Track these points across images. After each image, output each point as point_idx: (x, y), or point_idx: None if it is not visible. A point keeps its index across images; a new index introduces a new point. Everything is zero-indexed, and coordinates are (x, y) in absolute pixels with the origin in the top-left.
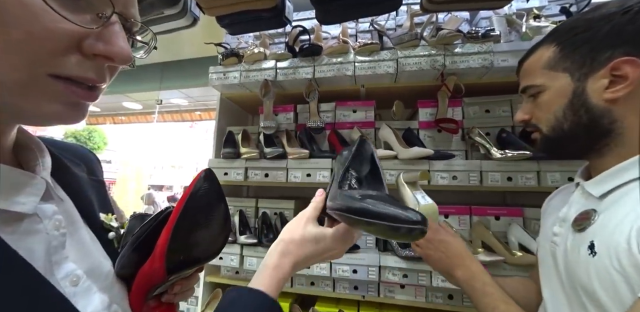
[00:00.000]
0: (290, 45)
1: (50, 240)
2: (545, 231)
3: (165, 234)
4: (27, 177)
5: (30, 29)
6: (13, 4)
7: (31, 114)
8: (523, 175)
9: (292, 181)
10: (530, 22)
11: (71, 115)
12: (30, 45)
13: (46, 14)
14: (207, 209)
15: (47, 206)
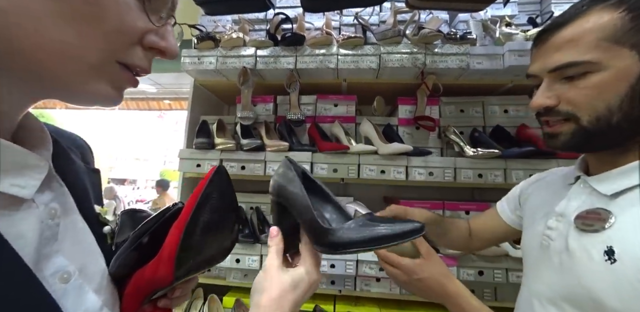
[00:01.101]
0: (272, 33)
1: (44, 230)
2: (534, 222)
3: (175, 235)
4: (32, 159)
5: (119, 23)
6: (112, 3)
7: (83, 92)
8: (492, 172)
9: (270, 174)
10: (503, 28)
11: (115, 98)
12: (114, 37)
13: (132, 12)
14: (221, 209)
15: (45, 192)
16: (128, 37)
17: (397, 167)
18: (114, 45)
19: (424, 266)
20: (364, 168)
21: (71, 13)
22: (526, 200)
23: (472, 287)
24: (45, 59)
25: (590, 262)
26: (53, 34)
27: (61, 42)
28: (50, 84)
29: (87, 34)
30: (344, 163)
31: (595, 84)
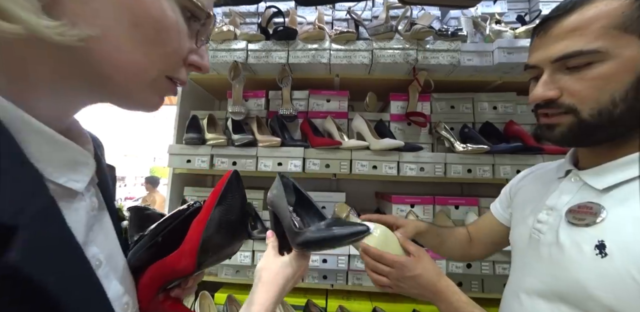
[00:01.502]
0: (264, 26)
1: (89, 219)
2: (524, 216)
3: (197, 230)
4: (84, 157)
5: (176, 46)
6: (173, 30)
7: (138, 100)
8: (481, 167)
9: (262, 169)
10: (493, 26)
11: (158, 104)
12: (170, 57)
13: (184, 37)
14: (236, 207)
15: (89, 187)
16: (179, 57)
17: (388, 162)
18: (168, 64)
19: (417, 263)
20: (356, 163)
21: (143, 39)
22: (515, 195)
23: (461, 280)
24: (115, 74)
25: (581, 256)
26: (127, 55)
27: (131, 62)
28: (111, 93)
29: (152, 55)
30: (336, 158)
31: (601, 74)
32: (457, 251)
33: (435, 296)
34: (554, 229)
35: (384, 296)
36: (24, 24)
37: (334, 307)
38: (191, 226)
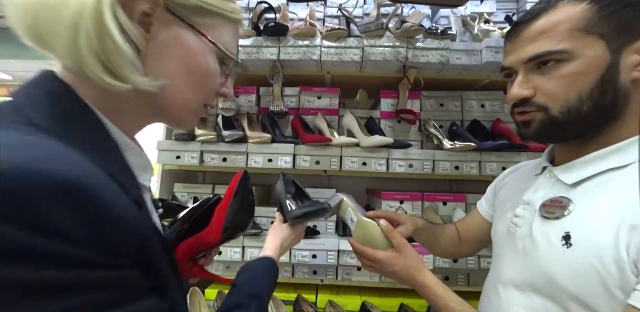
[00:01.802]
0: (255, 22)
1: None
2: (504, 211)
3: (221, 215)
4: (149, 162)
5: (214, 85)
6: (212, 75)
7: (184, 122)
8: (468, 164)
9: (252, 166)
10: (482, 25)
11: (196, 123)
12: (209, 93)
13: (217, 77)
14: (246, 199)
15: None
16: (214, 92)
17: (378, 159)
18: (207, 98)
19: (396, 259)
20: (346, 160)
21: (194, 83)
22: (499, 191)
23: (447, 274)
24: (174, 107)
25: (550, 248)
26: (183, 95)
27: (184, 99)
28: (168, 118)
29: (198, 94)
30: (327, 155)
31: (569, 73)
32: (449, 248)
33: (416, 288)
34: (529, 223)
35: (373, 291)
36: (132, 84)
37: (324, 302)
38: (216, 211)
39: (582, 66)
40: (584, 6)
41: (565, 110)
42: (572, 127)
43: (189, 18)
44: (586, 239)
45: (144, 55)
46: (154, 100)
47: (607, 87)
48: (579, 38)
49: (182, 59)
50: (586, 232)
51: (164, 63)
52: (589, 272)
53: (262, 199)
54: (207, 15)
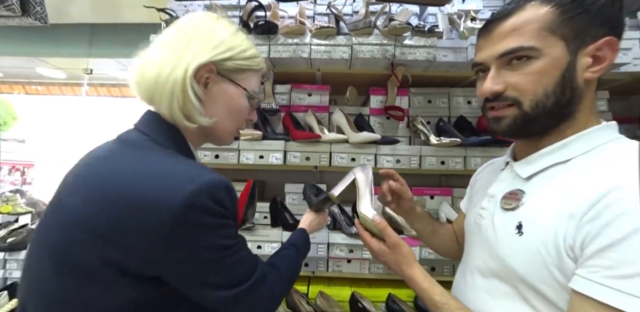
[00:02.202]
0: (245, 20)
1: None
2: (474, 204)
3: (240, 207)
4: None
5: (244, 116)
6: (245, 110)
7: (223, 141)
8: (453, 159)
9: (244, 162)
10: (468, 23)
11: (231, 141)
12: (242, 122)
13: (247, 110)
14: (253, 199)
15: None
16: (244, 119)
17: (366, 155)
18: (240, 124)
19: (387, 253)
20: (335, 156)
21: (233, 117)
22: (473, 186)
23: (433, 265)
24: (220, 134)
25: (506, 236)
26: (225, 126)
27: (226, 128)
28: (215, 140)
29: (235, 123)
30: (316, 151)
31: (536, 69)
32: (447, 243)
33: (404, 280)
34: (492, 214)
35: (363, 281)
36: (198, 123)
37: (315, 293)
38: None
39: (547, 64)
40: (547, 9)
41: (534, 105)
42: (538, 122)
43: (230, 76)
44: (533, 228)
45: (203, 103)
46: (209, 130)
47: (567, 85)
48: (545, 37)
49: (226, 103)
50: (534, 221)
51: (215, 106)
52: (535, 257)
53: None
54: (242, 72)
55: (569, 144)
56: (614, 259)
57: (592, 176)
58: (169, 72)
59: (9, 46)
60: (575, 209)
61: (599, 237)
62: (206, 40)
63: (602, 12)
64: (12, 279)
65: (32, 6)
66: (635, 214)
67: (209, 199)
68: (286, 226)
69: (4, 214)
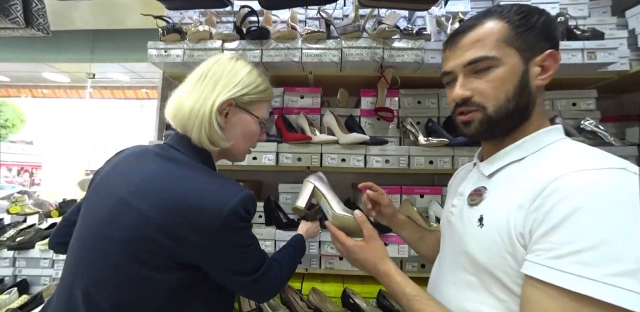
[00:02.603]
0: (238, 25)
1: None
2: (447, 203)
3: None
4: None
5: (257, 137)
6: (256, 133)
7: (239, 160)
8: (441, 159)
9: (238, 164)
10: (455, 25)
11: (244, 159)
12: (254, 143)
13: (258, 132)
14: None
15: None
16: (255, 140)
17: (356, 155)
18: (251, 144)
19: (363, 248)
20: (326, 157)
21: (247, 140)
22: (449, 187)
23: (423, 262)
24: (236, 153)
25: (471, 229)
26: (240, 147)
27: (241, 149)
28: (231, 158)
29: (248, 145)
30: (307, 152)
31: (498, 76)
32: (433, 250)
33: (377, 276)
34: (461, 210)
35: (355, 278)
36: (220, 146)
37: (308, 290)
38: None
39: (507, 71)
40: (503, 24)
41: (497, 109)
42: (500, 124)
43: (246, 107)
44: (491, 219)
45: (223, 130)
46: (228, 151)
47: (523, 90)
48: (503, 48)
49: (242, 129)
50: (492, 213)
51: (233, 132)
52: (492, 245)
53: None
54: (256, 103)
55: (521, 145)
56: (554, 242)
57: (537, 171)
58: (199, 108)
59: (15, 53)
60: (523, 200)
61: (543, 223)
62: (228, 80)
63: (544, 28)
64: (22, 276)
65: (35, 18)
66: (571, 199)
67: (242, 208)
68: (280, 225)
69: (12, 215)
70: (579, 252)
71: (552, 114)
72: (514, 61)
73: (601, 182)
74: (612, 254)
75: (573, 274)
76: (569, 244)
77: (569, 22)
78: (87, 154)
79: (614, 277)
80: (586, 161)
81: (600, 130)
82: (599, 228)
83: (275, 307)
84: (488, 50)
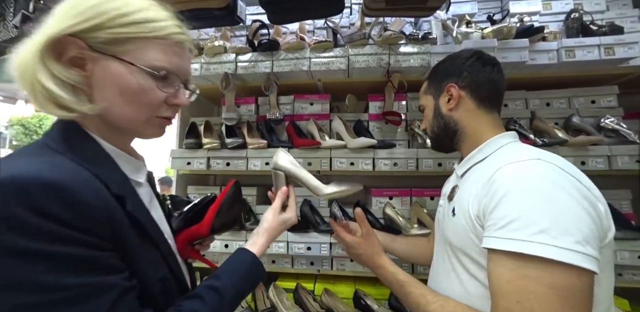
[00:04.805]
0: (250, 39)
1: (148, 197)
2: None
3: (212, 212)
4: (142, 165)
5: (151, 100)
6: (141, 89)
7: (144, 134)
8: (450, 161)
9: (251, 169)
10: (461, 28)
11: (160, 133)
12: (149, 107)
13: (155, 92)
14: (233, 203)
15: (145, 182)
16: (156, 104)
17: (364, 159)
18: (149, 110)
19: (361, 244)
20: (335, 161)
21: (129, 100)
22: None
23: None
24: (123, 123)
25: (448, 219)
26: (123, 112)
27: (126, 115)
28: (128, 132)
29: (137, 108)
30: (317, 157)
31: (425, 114)
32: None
33: (374, 269)
34: (444, 208)
35: (367, 280)
36: (79, 112)
37: (321, 290)
38: (208, 210)
39: (427, 109)
40: (426, 80)
41: (430, 132)
42: (439, 140)
43: (109, 50)
44: (460, 209)
45: (89, 88)
46: (107, 120)
47: (437, 116)
48: (424, 97)
49: (114, 85)
50: (460, 204)
51: (103, 90)
52: (461, 229)
53: (262, 197)
54: (125, 43)
55: (482, 148)
56: (495, 218)
57: (488, 166)
58: (23, 58)
59: None
60: (477, 190)
61: (488, 205)
62: (70, 8)
63: (444, 70)
64: None
65: None
66: (504, 184)
67: (19, 205)
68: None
69: None
70: (511, 222)
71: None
72: (428, 102)
73: (522, 170)
74: (532, 220)
75: (509, 239)
76: (503, 218)
77: (584, 18)
78: None
79: (534, 235)
80: (516, 155)
81: (622, 128)
82: (522, 204)
83: (289, 307)
84: (420, 101)
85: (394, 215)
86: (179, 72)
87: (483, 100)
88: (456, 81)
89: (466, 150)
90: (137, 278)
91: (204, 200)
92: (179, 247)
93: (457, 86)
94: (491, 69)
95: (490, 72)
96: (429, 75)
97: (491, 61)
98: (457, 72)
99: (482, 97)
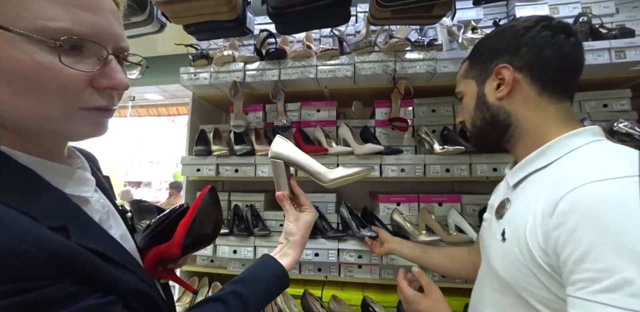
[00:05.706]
0: (258, 48)
1: (101, 214)
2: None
3: (182, 230)
4: (87, 176)
5: (58, 85)
6: (38, 70)
7: (72, 135)
8: (458, 167)
9: (260, 175)
10: (467, 34)
11: (98, 131)
12: (59, 95)
13: (62, 69)
14: (209, 215)
15: (95, 194)
16: (72, 90)
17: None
18: (65, 100)
19: (423, 299)
20: None
21: (18, 89)
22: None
23: None
24: (26, 123)
25: (495, 244)
26: (20, 106)
27: (26, 111)
28: (47, 134)
29: (39, 101)
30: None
31: (464, 103)
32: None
33: None
34: (490, 224)
35: (375, 287)
36: None
37: (328, 297)
38: (179, 226)
39: (467, 97)
40: (466, 62)
41: (471, 126)
42: (482, 136)
43: None
44: (512, 233)
45: None
46: (7, 123)
47: (482, 106)
48: (463, 81)
49: None
50: (512, 227)
51: None
52: (513, 261)
53: (270, 204)
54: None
55: (545, 151)
56: (593, 270)
57: (555, 179)
58: None
59: None
60: (541, 215)
61: (568, 245)
62: None
63: (492, 46)
64: None
65: None
66: (591, 217)
67: None
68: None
69: None
70: (631, 283)
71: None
72: (470, 88)
73: (617, 198)
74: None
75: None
76: (613, 273)
77: (593, 21)
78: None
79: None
80: (603, 168)
81: (636, 132)
82: (622, 252)
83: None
84: (457, 87)
85: (402, 221)
86: (97, 35)
87: (548, 85)
88: (510, 60)
89: (521, 152)
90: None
91: (172, 212)
92: (147, 269)
93: (511, 67)
94: (565, 40)
95: (563, 45)
96: (470, 53)
97: (565, 29)
98: (512, 48)
99: (548, 81)
